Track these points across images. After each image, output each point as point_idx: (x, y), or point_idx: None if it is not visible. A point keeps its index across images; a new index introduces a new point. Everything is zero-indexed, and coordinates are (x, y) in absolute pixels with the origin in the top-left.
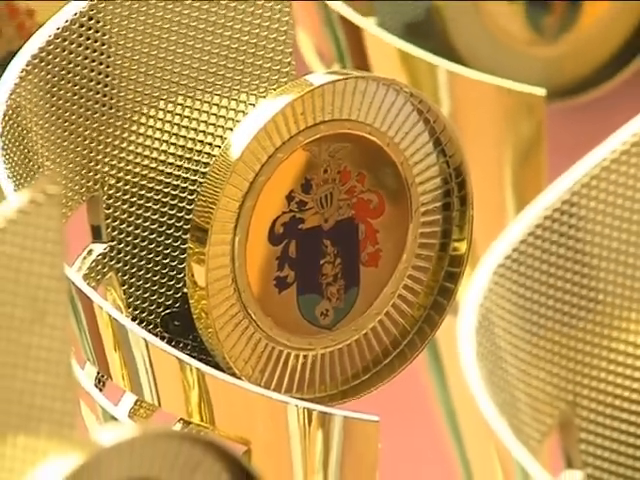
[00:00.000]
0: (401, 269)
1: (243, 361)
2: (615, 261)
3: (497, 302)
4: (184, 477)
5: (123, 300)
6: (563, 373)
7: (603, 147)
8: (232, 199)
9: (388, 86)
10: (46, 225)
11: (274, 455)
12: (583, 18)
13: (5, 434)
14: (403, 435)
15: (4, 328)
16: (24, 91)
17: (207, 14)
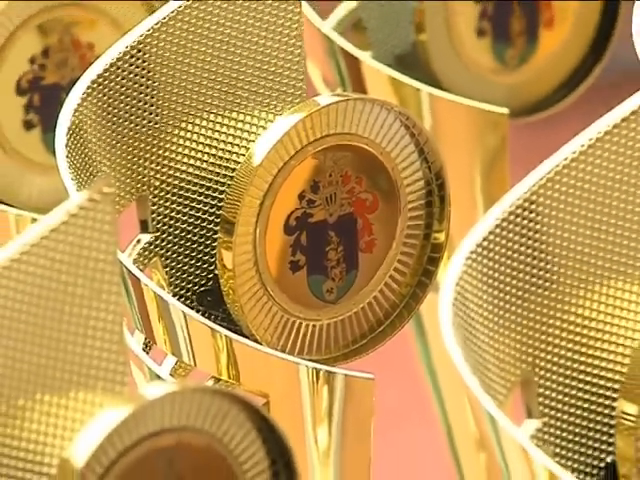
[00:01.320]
0: (392, 255)
1: (263, 329)
2: (567, 249)
3: (470, 282)
4: (214, 425)
5: (165, 280)
6: (524, 340)
7: (556, 155)
8: (254, 198)
9: (381, 106)
10: (102, 219)
11: (288, 407)
12: (538, 52)
13: (68, 390)
14: (393, 390)
15: (68, 304)
16: (84, 109)
17: (234, 47)
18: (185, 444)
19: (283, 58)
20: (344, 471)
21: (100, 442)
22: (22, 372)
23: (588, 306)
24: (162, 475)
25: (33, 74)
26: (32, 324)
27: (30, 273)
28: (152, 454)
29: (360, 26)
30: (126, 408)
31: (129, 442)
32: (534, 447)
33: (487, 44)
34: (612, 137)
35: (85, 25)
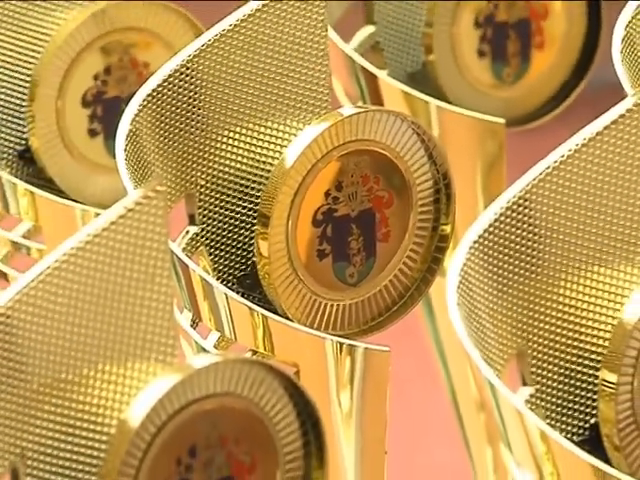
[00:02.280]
0: (405, 244)
1: (294, 308)
2: (556, 239)
3: (472, 268)
4: (252, 391)
5: (210, 266)
6: (519, 317)
7: (546, 159)
8: (286, 195)
9: (396, 116)
10: (155, 213)
11: (315, 375)
12: (531, 71)
13: (126, 361)
14: (406, 360)
15: (126, 286)
16: (140, 119)
17: (270, 66)
18: (227, 408)
19: (312, 75)
20: (364, 430)
21: (153, 405)
22: (87, 345)
23: (574, 289)
24: (206, 435)
25: (97, 89)
26: (95, 304)
27: (93, 260)
28: (198, 417)
29: (377, 48)
30: (176, 376)
31: (178, 406)
32: (528, 410)
33: (486, 64)
34: (594, 144)
35: (141, 47)
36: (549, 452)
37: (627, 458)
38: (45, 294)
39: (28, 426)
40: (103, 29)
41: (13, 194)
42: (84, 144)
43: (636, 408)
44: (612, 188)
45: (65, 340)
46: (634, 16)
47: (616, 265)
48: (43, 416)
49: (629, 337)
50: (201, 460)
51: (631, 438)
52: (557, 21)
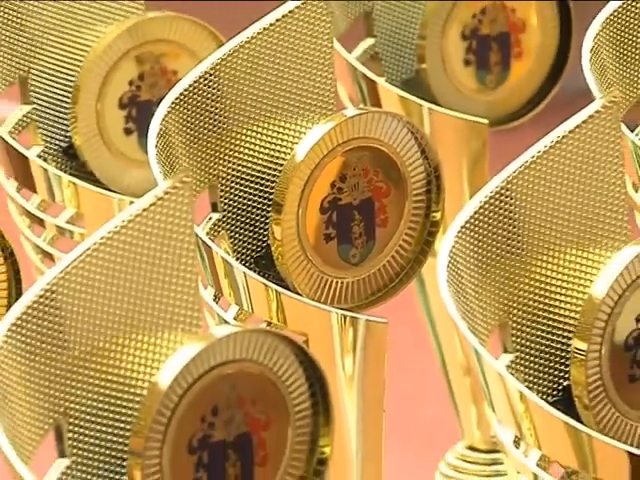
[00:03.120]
0: (400, 229)
1: (304, 285)
2: (533, 225)
3: (460, 250)
4: (267, 357)
5: (230, 248)
6: (501, 293)
7: (524, 155)
8: (297, 186)
9: (393, 117)
10: (182, 202)
11: (322, 343)
12: (510, 78)
13: (156, 331)
14: (401, 330)
15: (156, 265)
16: (169, 119)
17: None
18: (244, 372)
19: (319, 81)
20: (364, 391)
21: (180, 370)
22: (121, 317)
23: (549, 268)
24: (226, 396)
25: (131, 93)
26: (129, 281)
27: (127, 242)
28: (219, 380)
29: (376, 58)
30: (200, 344)
31: (202, 370)
32: (508, 374)
33: (471, 71)
34: (566, 141)
35: (170, 56)
36: (527, 411)
37: (595, 417)
38: (85, 272)
39: (70, 388)
40: (137, 41)
41: (58, 185)
42: (120, 141)
43: (603, 372)
44: (582, 180)
45: (102, 312)
46: (600, 30)
47: (586, 247)
48: (83, 379)
49: (597, 310)
50: (222, 418)
51: (599, 399)
52: (533, 34)
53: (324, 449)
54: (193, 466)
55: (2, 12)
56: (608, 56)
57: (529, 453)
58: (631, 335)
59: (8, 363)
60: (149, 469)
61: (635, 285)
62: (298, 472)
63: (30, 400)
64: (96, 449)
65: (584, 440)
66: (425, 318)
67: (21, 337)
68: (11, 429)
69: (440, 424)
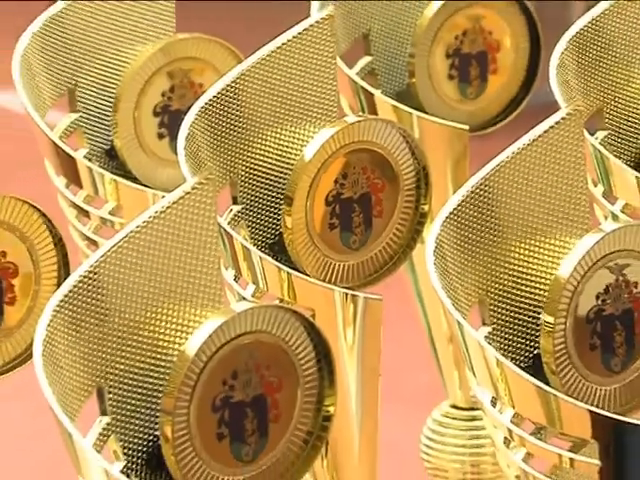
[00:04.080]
0: (394, 219)
1: (311, 267)
2: (507, 215)
3: (444, 237)
4: (279, 329)
5: (248, 235)
6: (480, 274)
7: (498, 157)
8: (306, 183)
9: (387, 123)
10: (207, 195)
11: (327, 317)
12: (487, 90)
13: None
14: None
15: (184, 250)
16: (196, 125)
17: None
18: (260, 342)
19: (324, 93)
20: (363, 359)
21: (205, 340)
22: (154, 294)
23: (522, 253)
24: (244, 363)
25: (164, 103)
26: (161, 263)
27: (160, 230)
28: (238, 348)
29: (373, 73)
30: (222, 318)
31: (224, 340)
32: (486, 343)
33: (454, 84)
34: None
35: (197, 72)
36: (502, 375)
37: (561, 380)
38: (123, 256)
39: (109, 356)
40: (168, 59)
41: (101, 181)
42: (154, 144)
43: (568, 342)
44: (549, 177)
45: (138, 290)
46: (564, 50)
47: (553, 235)
48: (121, 348)
49: (563, 288)
50: (241, 381)
51: (564, 365)
52: (507, 53)
53: (329, 408)
54: (216, 422)
55: (53, 35)
56: (571, 72)
57: (504, 411)
58: (592, 310)
59: (57, 334)
60: (178, 425)
61: (595, 267)
62: (306, 427)
63: (75, 366)
64: (132, 408)
65: (551, 400)
66: (415, 295)
67: (68, 311)
68: (60, 391)
69: (427, 386)
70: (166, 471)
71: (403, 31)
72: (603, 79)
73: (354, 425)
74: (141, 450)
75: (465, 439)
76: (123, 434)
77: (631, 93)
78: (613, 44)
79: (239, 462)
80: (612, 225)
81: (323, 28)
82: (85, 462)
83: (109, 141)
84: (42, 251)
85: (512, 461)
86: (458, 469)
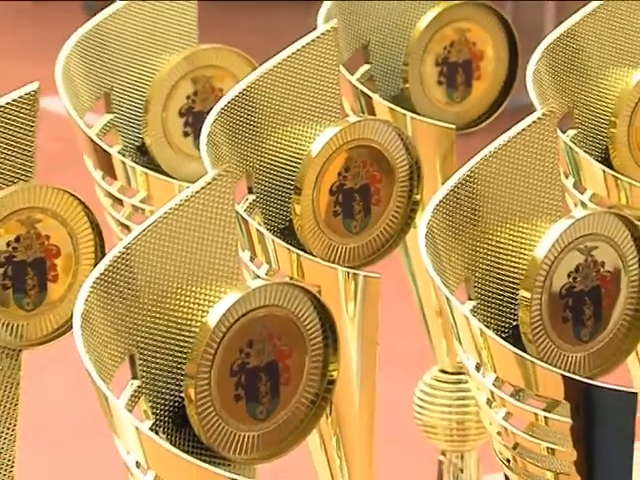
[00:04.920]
0: (390, 207)
1: (317, 249)
2: (489, 203)
3: (435, 222)
4: (289, 303)
5: (262, 220)
6: (466, 255)
7: (483, 151)
8: (312, 175)
9: (384, 123)
10: (226, 185)
11: (331, 293)
12: (472, 94)
13: (206, 284)
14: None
15: (206, 234)
16: (216, 125)
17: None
18: (273, 315)
19: (329, 96)
20: (363, 329)
21: (224, 313)
22: (179, 272)
23: (503, 236)
24: (259, 333)
25: (188, 105)
26: (185, 245)
27: (184, 216)
28: (253, 320)
29: (372, 79)
30: (239, 294)
31: (240, 313)
32: (472, 316)
33: (443, 89)
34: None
35: (217, 78)
36: (485, 343)
37: (537, 348)
38: (152, 239)
39: (140, 326)
40: (192, 66)
41: (133, 174)
42: (180, 141)
43: (543, 315)
44: (527, 170)
45: (165, 268)
46: (540, 58)
47: (530, 220)
48: (150, 320)
49: (539, 268)
50: (255, 349)
51: (540, 335)
52: (489, 62)
53: (332, 372)
54: (234, 385)
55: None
56: (545, 78)
57: (487, 375)
58: (564, 287)
59: (93, 307)
60: (200, 388)
61: (567, 249)
62: (313, 390)
63: (110, 335)
64: (160, 373)
65: (528, 365)
66: (408, 274)
67: (103, 287)
68: (96, 358)
69: (419, 353)
70: (189, 428)
71: (398, 42)
72: (573, 84)
73: (355, 387)
74: (168, 410)
75: (452, 400)
76: (152, 396)
77: (597, 97)
78: (582, 55)
79: (254, 420)
80: (582, 212)
81: (328, 39)
82: (118, 420)
83: (140, 138)
84: (81, 235)
85: (494, 419)
86: (446, 426)
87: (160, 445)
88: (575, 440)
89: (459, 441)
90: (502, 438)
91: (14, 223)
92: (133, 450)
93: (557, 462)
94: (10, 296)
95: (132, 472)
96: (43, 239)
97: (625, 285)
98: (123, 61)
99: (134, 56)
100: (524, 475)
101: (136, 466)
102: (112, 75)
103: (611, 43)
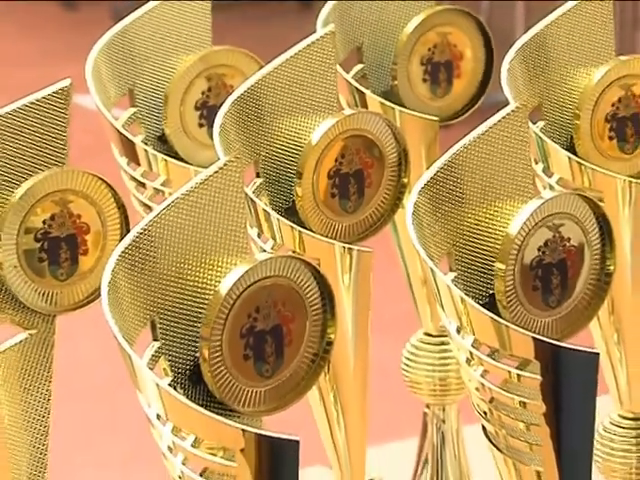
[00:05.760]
0: (381, 190)
1: (316, 226)
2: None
3: (421, 203)
4: (292, 274)
5: (268, 201)
6: (448, 231)
7: (462, 141)
8: (312, 161)
9: (376, 115)
10: (236, 171)
11: (329, 265)
12: (453, 90)
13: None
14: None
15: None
16: (227, 117)
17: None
18: (277, 284)
19: (327, 91)
20: (357, 297)
21: (234, 282)
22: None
23: (481, 214)
24: (265, 300)
25: (203, 100)
26: (200, 223)
27: (199, 198)
28: (260, 289)
29: (365, 77)
30: (247, 265)
31: (249, 282)
32: (453, 285)
33: (427, 86)
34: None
35: (229, 76)
36: (465, 310)
37: (510, 314)
38: (170, 217)
39: (160, 294)
40: (206, 65)
41: (155, 161)
42: (196, 132)
43: (516, 284)
44: (502, 156)
45: (181, 243)
46: (513, 58)
47: (505, 201)
48: (169, 288)
49: (512, 242)
50: (262, 314)
51: (513, 302)
52: (468, 62)
53: (330, 335)
54: (243, 346)
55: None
56: (518, 76)
57: (466, 337)
58: (534, 259)
59: (119, 277)
60: (213, 349)
61: (537, 226)
62: (313, 350)
63: (133, 302)
64: (178, 335)
65: (503, 329)
66: (397, 248)
67: (128, 260)
68: (121, 322)
69: (406, 317)
70: (203, 384)
71: (388, 45)
72: (543, 81)
73: (350, 348)
74: (184, 368)
75: (435, 359)
76: (170, 356)
77: (564, 92)
78: (550, 55)
79: (260, 377)
80: (550, 194)
81: (326, 42)
82: (141, 378)
83: (160, 129)
84: (108, 214)
85: (472, 376)
86: (429, 382)
87: (177, 399)
88: (544, 394)
89: (441, 395)
90: (480, 393)
91: (49, 203)
92: (154, 404)
93: (528, 414)
94: (46, 268)
95: (153, 423)
96: (75, 218)
97: (588, 258)
98: (145, 61)
99: (155, 57)
100: (499, 426)
101: (156, 418)
102: (135, 73)
103: (576, 44)
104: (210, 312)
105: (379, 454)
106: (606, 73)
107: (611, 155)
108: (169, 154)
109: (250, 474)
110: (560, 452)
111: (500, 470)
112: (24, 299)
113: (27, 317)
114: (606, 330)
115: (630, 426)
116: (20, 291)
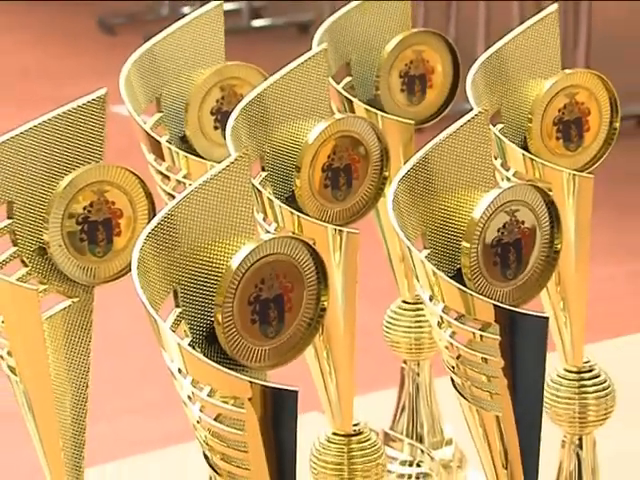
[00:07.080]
0: (366, 182)
1: (312, 212)
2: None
3: (399, 192)
4: (292, 251)
5: (272, 191)
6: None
7: (433, 141)
8: (309, 157)
9: (361, 119)
10: (244, 166)
11: (323, 245)
12: (426, 99)
13: (230, 236)
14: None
15: (226, 203)
16: (238, 121)
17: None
18: (279, 260)
19: (321, 100)
20: (346, 272)
21: (243, 258)
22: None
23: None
24: (269, 273)
25: (217, 106)
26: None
27: (212, 189)
28: (264, 264)
29: (353, 87)
30: (254, 244)
31: (255, 258)
32: (427, 261)
33: (405, 95)
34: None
35: (239, 85)
36: (437, 282)
37: (475, 285)
38: (189, 204)
39: (181, 268)
40: (220, 78)
41: (177, 157)
42: (212, 133)
43: (479, 260)
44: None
45: (198, 226)
46: (476, 72)
47: (470, 190)
48: (189, 264)
49: (476, 225)
50: (266, 285)
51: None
52: (439, 75)
53: (324, 302)
54: (250, 312)
55: (146, 63)
56: (481, 86)
57: (437, 304)
58: (494, 239)
59: (147, 255)
60: (226, 314)
61: (497, 211)
62: (309, 315)
63: (159, 275)
64: (196, 302)
65: (468, 298)
66: (379, 230)
67: (154, 240)
68: (148, 292)
69: (388, 288)
70: (217, 344)
71: (371, 61)
72: (501, 90)
73: (340, 314)
74: (201, 330)
75: (412, 322)
76: (190, 320)
77: (519, 100)
78: (508, 68)
79: (265, 338)
80: (507, 184)
81: (320, 58)
82: (165, 338)
83: (182, 131)
84: (138, 201)
85: (442, 336)
86: (407, 342)
87: (196, 356)
88: (502, 352)
89: (416, 353)
90: (449, 351)
91: (88, 193)
92: (176, 360)
93: (489, 368)
94: (86, 246)
95: (175, 376)
96: (110, 204)
97: (539, 238)
98: (169, 74)
99: (177, 71)
100: (465, 378)
101: (178, 372)
102: (161, 85)
103: (528, 60)
104: (223, 283)
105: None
106: (554, 84)
107: (558, 152)
108: (189, 152)
109: (257, 419)
110: (516, 400)
111: (466, 415)
112: (68, 272)
113: (70, 288)
114: (554, 298)
115: (574, 378)
116: (64, 266)
